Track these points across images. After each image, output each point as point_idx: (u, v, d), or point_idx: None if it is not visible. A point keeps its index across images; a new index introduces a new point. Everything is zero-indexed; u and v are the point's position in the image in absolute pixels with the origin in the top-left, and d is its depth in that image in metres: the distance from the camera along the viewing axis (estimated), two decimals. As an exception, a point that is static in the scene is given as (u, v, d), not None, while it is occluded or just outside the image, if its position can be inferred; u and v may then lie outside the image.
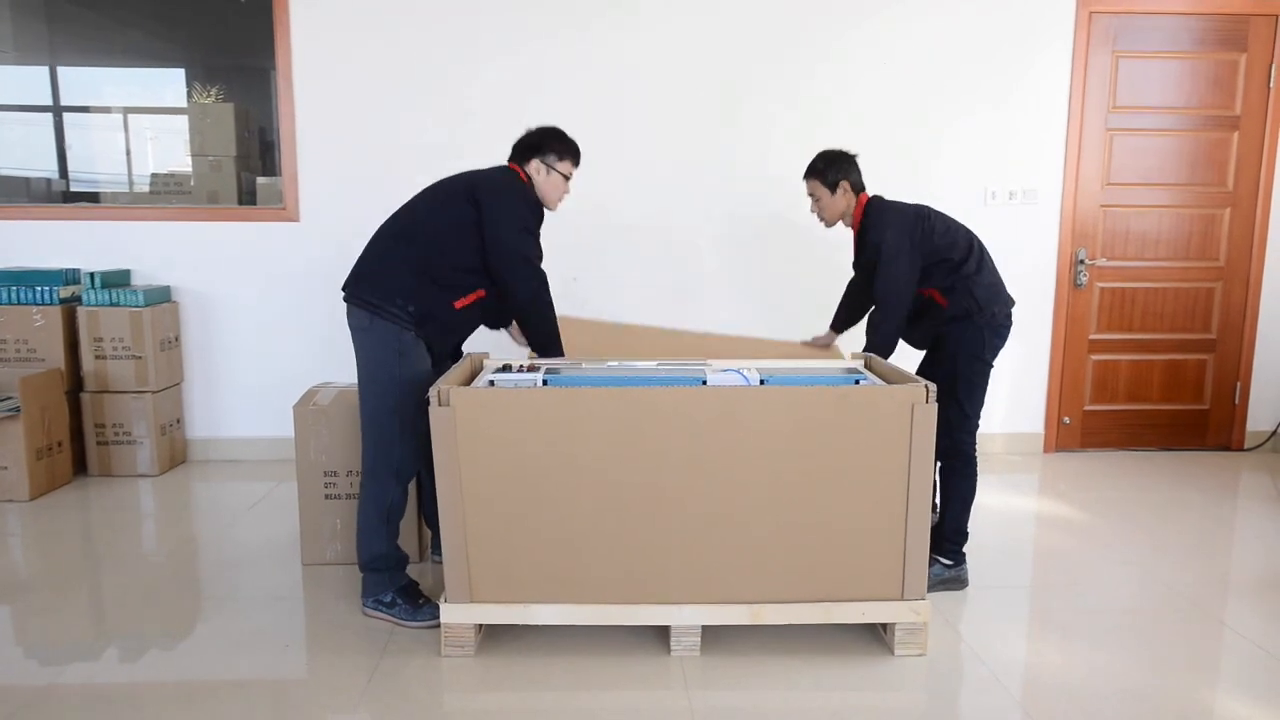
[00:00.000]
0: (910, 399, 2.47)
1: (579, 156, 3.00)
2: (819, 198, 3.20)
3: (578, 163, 3.00)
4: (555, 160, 2.92)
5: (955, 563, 3.05)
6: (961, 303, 2.99)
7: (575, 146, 2.98)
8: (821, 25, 4.40)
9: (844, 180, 3.15)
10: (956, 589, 3.04)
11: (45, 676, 2.46)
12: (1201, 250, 4.72)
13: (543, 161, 2.91)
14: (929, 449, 2.49)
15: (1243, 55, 4.58)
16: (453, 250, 2.75)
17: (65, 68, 4.55)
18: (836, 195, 3.16)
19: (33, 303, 4.13)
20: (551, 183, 2.93)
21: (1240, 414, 4.86)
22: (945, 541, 3.04)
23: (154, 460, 4.26)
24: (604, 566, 2.53)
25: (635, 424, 2.48)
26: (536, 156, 2.91)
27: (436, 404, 2.44)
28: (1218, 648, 2.70)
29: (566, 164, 2.95)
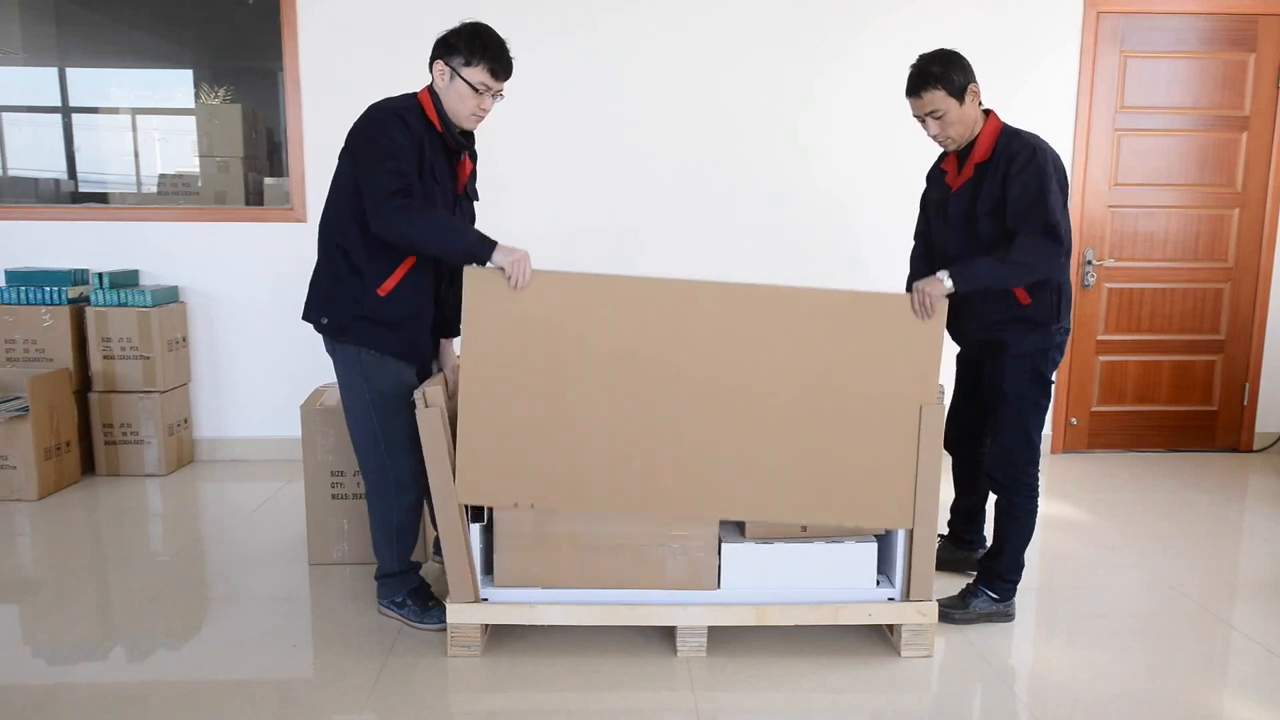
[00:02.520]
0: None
1: (504, 66, 2.46)
2: (944, 111, 2.55)
3: (500, 74, 2.46)
4: (461, 64, 2.42)
5: (1003, 597, 2.78)
6: (1044, 306, 2.59)
7: (499, 50, 2.44)
8: (829, 26, 4.39)
9: (972, 83, 2.56)
10: (999, 622, 2.79)
11: (53, 676, 2.47)
12: (1210, 251, 4.70)
13: (447, 64, 2.43)
14: (937, 449, 2.49)
15: (1252, 55, 4.56)
16: (347, 222, 2.44)
17: (74, 69, 4.57)
18: (967, 104, 2.55)
19: (41, 303, 4.15)
20: (456, 92, 2.44)
21: (1249, 415, 4.84)
22: (999, 579, 2.78)
23: (161, 460, 4.27)
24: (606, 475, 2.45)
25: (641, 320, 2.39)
26: (442, 58, 2.44)
27: (422, 406, 2.43)
28: (1225, 650, 2.69)
29: (478, 71, 2.41)
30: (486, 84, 2.46)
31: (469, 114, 2.49)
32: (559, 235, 4.44)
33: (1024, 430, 2.71)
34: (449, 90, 2.47)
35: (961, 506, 3.17)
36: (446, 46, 2.47)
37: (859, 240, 4.50)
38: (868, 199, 4.48)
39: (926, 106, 2.59)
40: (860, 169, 4.48)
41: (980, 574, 2.86)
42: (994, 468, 2.79)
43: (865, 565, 2.60)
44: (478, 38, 2.45)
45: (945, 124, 2.60)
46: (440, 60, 2.47)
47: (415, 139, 2.43)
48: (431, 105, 2.50)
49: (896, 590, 2.60)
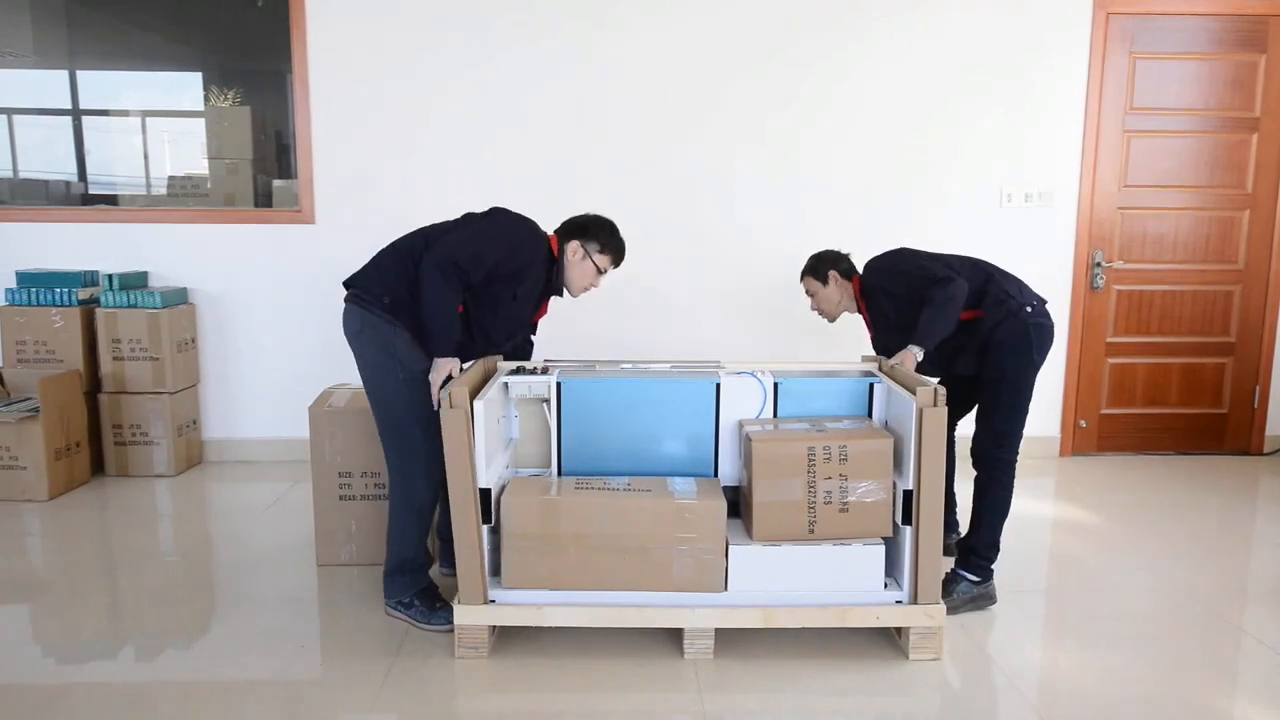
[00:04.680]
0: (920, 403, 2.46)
1: (621, 257, 2.93)
2: (814, 292, 3.31)
3: (618, 263, 2.93)
4: (596, 251, 2.87)
5: (983, 579, 2.91)
6: (995, 304, 2.91)
7: (622, 247, 2.92)
8: (837, 28, 4.39)
9: (831, 269, 3.24)
10: (984, 606, 2.92)
11: (62, 675, 2.48)
12: (1220, 253, 4.68)
13: (583, 245, 2.86)
14: (940, 451, 2.48)
15: (1262, 56, 4.54)
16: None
17: (84, 72, 4.59)
18: (829, 287, 3.25)
19: (52, 304, 4.17)
20: (583, 269, 2.87)
21: (1259, 418, 4.82)
22: (976, 556, 2.91)
23: (170, 461, 4.28)
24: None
25: None
26: (579, 239, 2.86)
27: (448, 407, 2.45)
28: (1235, 653, 2.67)
29: (606, 259, 2.89)
30: (606, 269, 2.92)
31: (582, 287, 2.92)
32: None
33: (1014, 411, 2.90)
34: (577, 265, 2.87)
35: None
36: (584, 232, 2.87)
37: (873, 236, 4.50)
38: (871, 199, 4.48)
39: (805, 289, 3.34)
40: (865, 171, 4.47)
41: (958, 558, 2.96)
42: (983, 448, 2.93)
43: (873, 567, 2.59)
44: (615, 235, 2.90)
45: (818, 302, 3.32)
46: (576, 241, 2.87)
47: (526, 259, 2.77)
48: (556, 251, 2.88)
49: (904, 593, 2.59)
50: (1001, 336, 2.88)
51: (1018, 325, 2.87)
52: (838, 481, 2.54)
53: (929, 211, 4.49)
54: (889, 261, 3.12)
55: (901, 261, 3.07)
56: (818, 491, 2.54)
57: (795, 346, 4.48)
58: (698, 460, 2.82)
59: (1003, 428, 2.90)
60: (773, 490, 2.55)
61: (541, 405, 2.85)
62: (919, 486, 2.50)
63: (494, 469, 2.58)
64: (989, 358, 2.92)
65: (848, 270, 3.27)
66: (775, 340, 4.53)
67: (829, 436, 2.57)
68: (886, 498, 2.56)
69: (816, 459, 2.53)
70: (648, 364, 2.99)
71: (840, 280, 3.25)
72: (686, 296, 4.54)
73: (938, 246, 3.20)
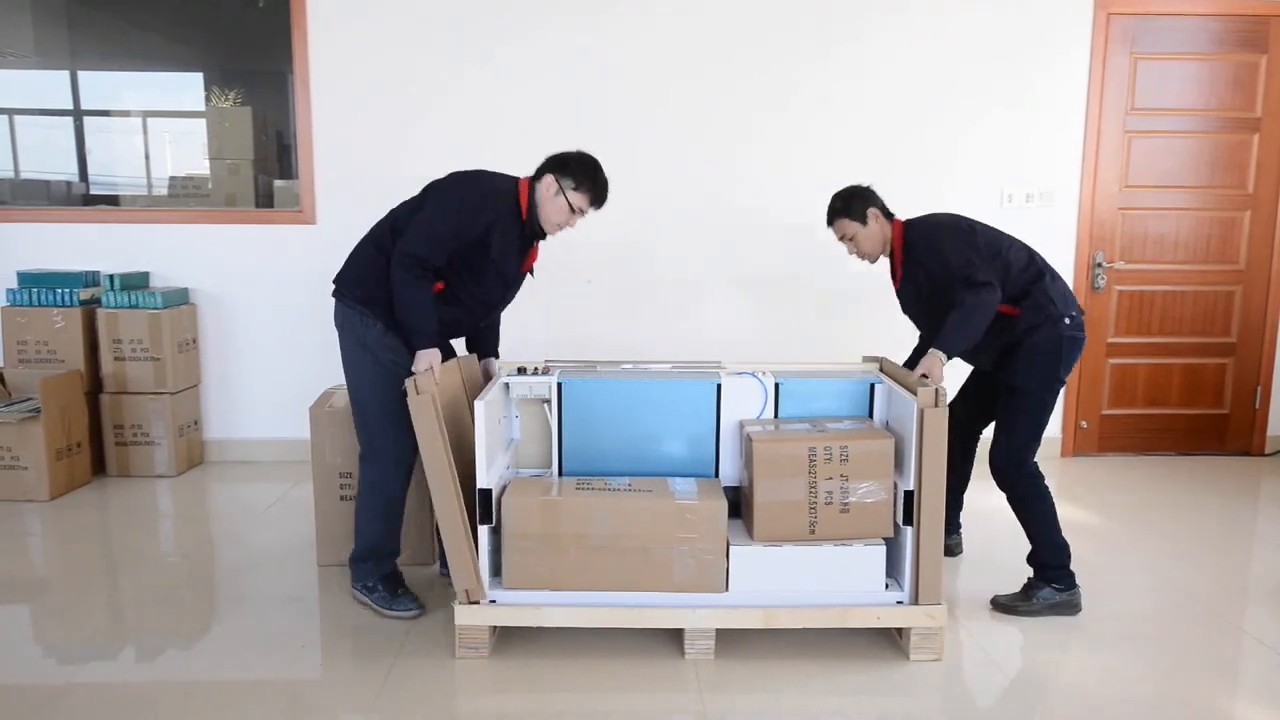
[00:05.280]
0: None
1: (601, 197, 2.78)
2: (853, 235, 3.00)
3: (597, 203, 2.79)
4: (571, 187, 2.73)
5: (1066, 586, 2.85)
6: (1035, 309, 2.80)
7: (602, 186, 2.77)
8: (838, 27, 4.39)
9: (871, 208, 2.97)
10: (1069, 613, 2.85)
11: (63, 675, 2.48)
12: (1221, 253, 4.68)
13: (557, 180, 2.73)
14: (941, 452, 2.48)
15: (1263, 57, 4.53)
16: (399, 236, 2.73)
17: (85, 72, 4.59)
18: (870, 226, 2.97)
19: (53, 304, 4.17)
20: (555, 206, 2.74)
21: (1260, 418, 4.81)
22: (1049, 569, 2.86)
23: (171, 461, 4.29)
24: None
25: None
26: (554, 173, 2.74)
27: (414, 393, 2.45)
28: (1236, 654, 2.67)
29: (581, 196, 2.74)
30: (583, 209, 2.78)
31: (557, 225, 2.78)
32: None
33: (1031, 426, 2.84)
34: (551, 201, 2.74)
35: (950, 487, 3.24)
36: (563, 167, 2.75)
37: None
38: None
39: (837, 234, 3.05)
40: (864, 171, 4.46)
41: (1035, 571, 2.91)
42: (996, 458, 2.89)
43: (874, 568, 2.59)
44: (594, 172, 2.76)
45: (857, 244, 3.02)
46: (552, 175, 2.74)
47: (485, 220, 2.69)
48: (526, 197, 2.76)
49: (905, 593, 2.59)
50: (1032, 343, 2.79)
51: (1052, 335, 2.78)
52: (839, 482, 2.54)
53: (929, 210, 4.47)
54: (937, 235, 2.91)
55: (949, 240, 2.87)
56: (819, 492, 2.54)
57: (800, 340, 4.48)
58: (698, 461, 2.82)
59: (1022, 444, 2.84)
60: (774, 490, 2.55)
61: (542, 406, 2.85)
62: (920, 487, 2.50)
63: (495, 469, 2.58)
64: (1015, 363, 2.83)
65: (887, 210, 3.01)
66: (777, 334, 4.53)
67: (830, 437, 2.57)
68: (887, 498, 2.56)
69: (817, 459, 2.53)
70: (648, 364, 2.99)
71: (882, 220, 2.97)
72: (688, 294, 4.53)
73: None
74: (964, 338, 2.76)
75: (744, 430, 2.72)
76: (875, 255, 3.04)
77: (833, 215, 3.04)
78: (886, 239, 2.99)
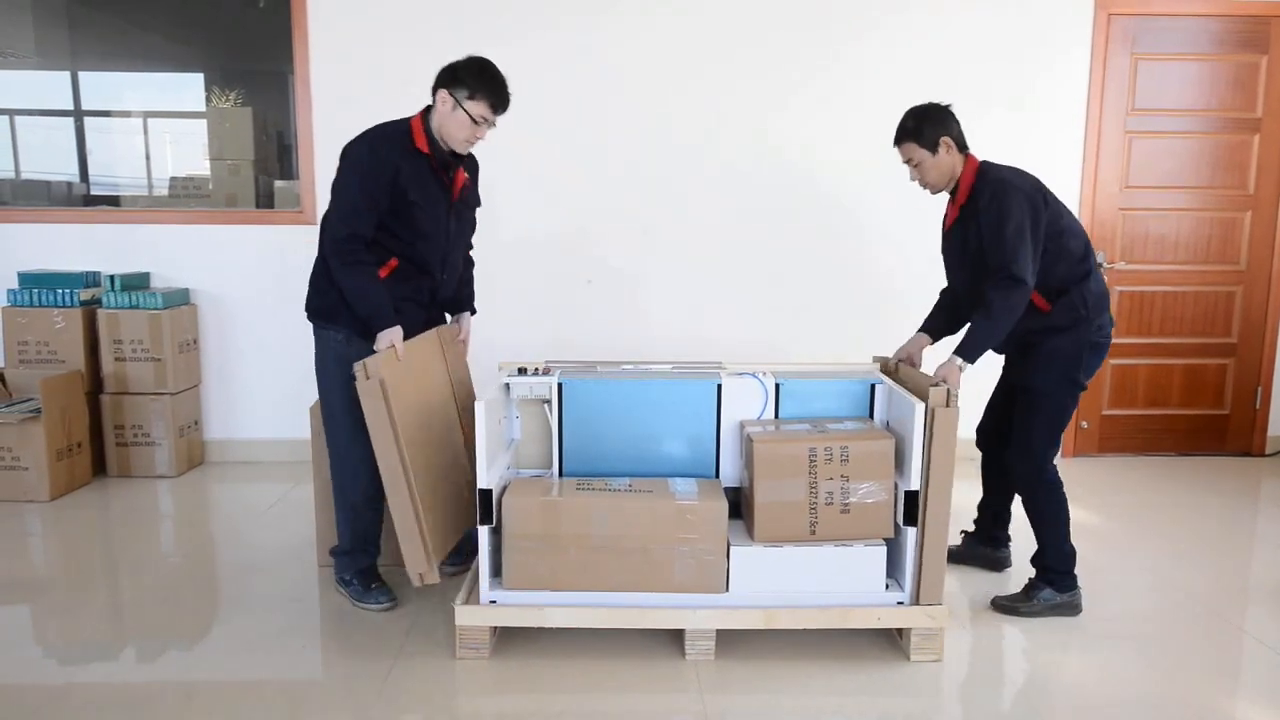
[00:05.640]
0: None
1: (502, 98, 2.63)
2: (918, 162, 2.78)
3: (499, 106, 2.64)
4: (466, 97, 2.59)
5: (1066, 589, 2.83)
6: (1067, 311, 2.70)
7: (497, 86, 2.62)
8: (837, 28, 4.39)
9: (944, 136, 2.75)
10: (1069, 614, 2.84)
11: (63, 676, 2.48)
12: (1222, 254, 4.68)
13: (451, 94, 2.60)
14: (949, 453, 2.48)
15: (1264, 57, 4.53)
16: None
17: (86, 73, 4.59)
18: (940, 155, 2.75)
19: (53, 305, 4.17)
20: (455, 121, 2.62)
21: (1261, 419, 4.81)
22: (1053, 572, 2.83)
23: (172, 461, 4.29)
24: None
25: None
26: (446, 88, 2.62)
27: (363, 377, 2.43)
28: (1237, 655, 2.67)
29: (478, 104, 2.60)
30: (485, 116, 2.65)
31: (463, 140, 2.68)
32: (569, 244, 4.45)
33: (1048, 429, 2.79)
34: (450, 117, 2.63)
35: (989, 504, 3.20)
36: (453, 78, 2.63)
37: (866, 239, 4.50)
38: (869, 200, 4.47)
39: (903, 157, 2.86)
40: (864, 170, 4.47)
41: (1038, 572, 2.89)
42: (1015, 460, 2.86)
43: (874, 568, 2.59)
44: (484, 73, 2.62)
45: (921, 173, 2.82)
46: (445, 89, 2.63)
47: (388, 169, 2.61)
48: (421, 130, 2.68)
49: (906, 594, 2.59)
50: (1052, 346, 2.73)
51: (1074, 340, 2.71)
52: (839, 482, 2.54)
53: (929, 212, 4.46)
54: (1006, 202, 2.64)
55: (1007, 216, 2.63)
56: (819, 492, 2.54)
57: (805, 341, 4.49)
58: (699, 461, 2.82)
59: (1039, 446, 2.80)
60: (774, 491, 2.55)
61: (543, 406, 2.85)
62: (927, 486, 2.50)
63: (495, 470, 2.58)
64: (1034, 364, 2.77)
65: (962, 140, 2.77)
66: (781, 335, 4.53)
67: (830, 437, 2.57)
68: (888, 499, 2.56)
69: (818, 460, 2.53)
70: (649, 365, 2.99)
71: (954, 151, 2.75)
72: (690, 296, 4.53)
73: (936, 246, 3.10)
74: (987, 344, 2.69)
75: (744, 431, 2.72)
76: (938, 188, 2.84)
77: (902, 135, 2.81)
78: (955, 174, 2.79)
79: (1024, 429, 2.83)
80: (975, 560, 3.21)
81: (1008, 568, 3.20)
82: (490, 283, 4.45)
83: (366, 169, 2.62)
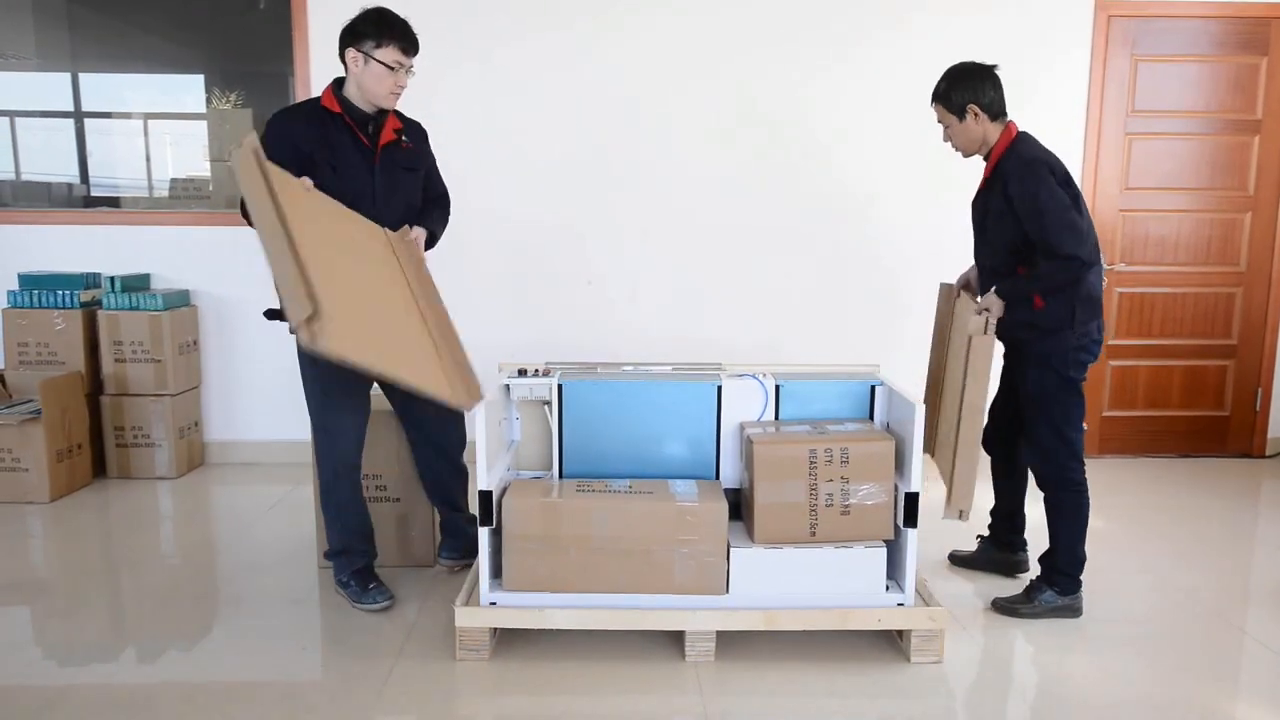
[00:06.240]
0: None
1: (408, 39, 2.62)
2: (947, 124, 2.79)
3: (409, 50, 2.63)
4: (373, 47, 2.57)
5: (1067, 591, 2.83)
6: (1055, 314, 2.68)
7: (405, 29, 2.60)
8: (838, 30, 4.39)
9: (972, 104, 2.71)
10: (1068, 617, 2.84)
11: (64, 677, 2.48)
12: (1222, 255, 4.68)
13: (359, 50, 2.58)
14: (984, 378, 2.56)
15: (1264, 59, 4.53)
16: None
17: (86, 74, 4.59)
18: (966, 122, 2.73)
19: (54, 306, 4.18)
20: (371, 74, 2.59)
21: (1261, 420, 4.81)
22: (1058, 573, 2.82)
23: (172, 463, 4.29)
24: None
25: None
26: (351, 46, 2.60)
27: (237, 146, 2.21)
28: (1238, 657, 2.67)
29: (389, 50, 2.57)
30: (400, 61, 2.63)
31: (387, 93, 2.65)
32: (569, 245, 4.46)
33: (1055, 430, 2.77)
34: (366, 74, 2.61)
35: (1001, 509, 3.17)
36: (354, 35, 2.62)
37: (868, 240, 4.50)
38: (871, 201, 4.48)
39: (937, 117, 2.86)
40: (866, 171, 4.47)
41: (1043, 571, 2.89)
42: (1034, 465, 2.87)
43: (875, 570, 2.59)
44: (383, 20, 2.61)
45: (950, 135, 2.85)
46: (351, 49, 2.61)
47: (287, 137, 2.60)
48: (331, 95, 2.68)
49: (906, 595, 2.59)
50: (1041, 349, 2.74)
51: (1060, 343, 2.71)
52: (839, 484, 2.54)
53: (929, 213, 4.48)
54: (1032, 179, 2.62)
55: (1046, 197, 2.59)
56: (819, 494, 2.54)
57: (797, 340, 4.49)
58: (699, 462, 2.82)
59: (1050, 447, 2.77)
60: (774, 492, 2.55)
61: (543, 408, 2.86)
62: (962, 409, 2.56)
63: (495, 471, 2.58)
64: (1027, 371, 2.79)
65: (997, 107, 2.73)
66: (784, 335, 4.53)
67: (830, 439, 2.57)
68: (888, 500, 2.56)
69: (818, 461, 2.53)
70: (649, 366, 2.99)
71: (984, 120, 2.72)
72: (692, 297, 4.54)
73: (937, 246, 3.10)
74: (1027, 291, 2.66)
75: (744, 432, 2.72)
76: (968, 153, 2.84)
77: (934, 95, 2.82)
78: (988, 141, 2.77)
79: (1032, 432, 2.84)
80: (991, 566, 3.17)
81: (1024, 572, 3.12)
82: (490, 283, 4.48)
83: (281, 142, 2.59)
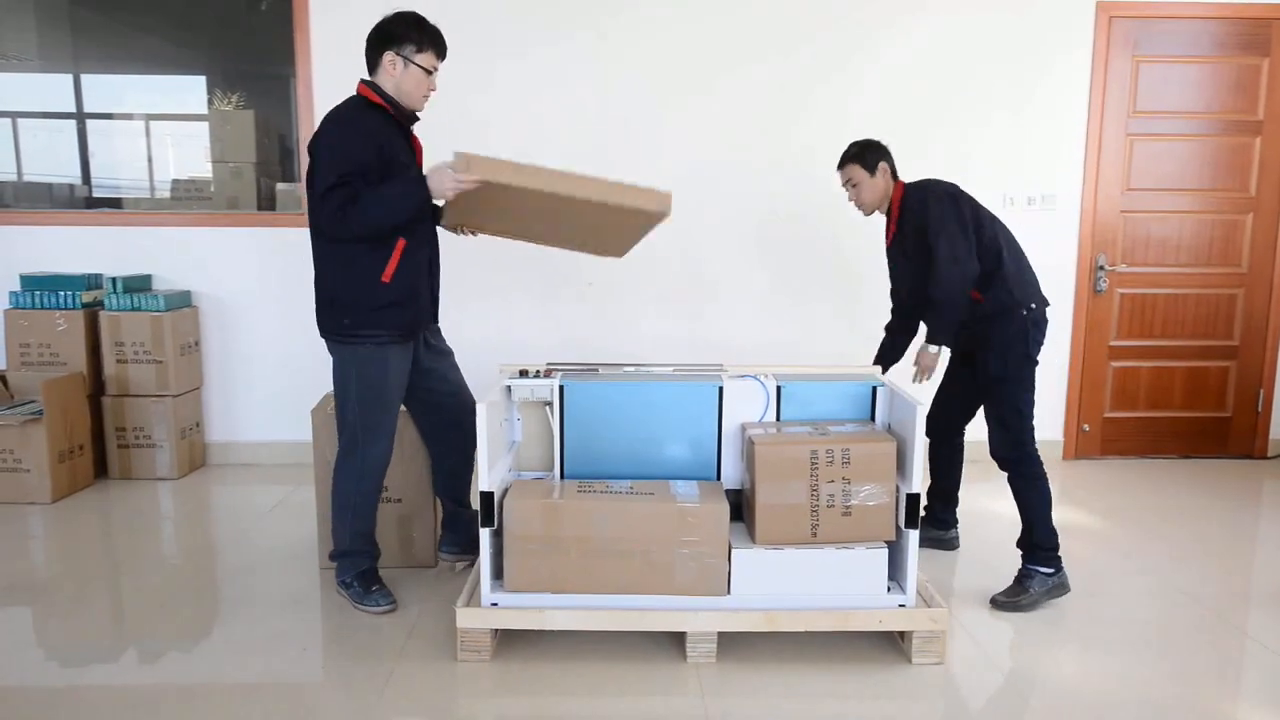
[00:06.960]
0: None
1: (443, 48, 2.72)
2: (858, 182, 3.13)
3: (442, 55, 2.72)
4: (413, 51, 2.64)
5: (1055, 568, 2.96)
6: (1000, 297, 2.95)
7: (437, 35, 2.69)
8: (839, 32, 4.39)
9: (882, 162, 3.12)
10: (1060, 595, 2.98)
11: (65, 678, 2.48)
12: (1223, 256, 4.67)
13: (398, 54, 2.63)
14: None
15: (1265, 59, 4.53)
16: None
17: (88, 75, 4.59)
18: (876, 177, 3.11)
19: (55, 307, 4.18)
20: (411, 78, 2.66)
21: (1263, 422, 4.81)
22: (1041, 550, 2.96)
23: (173, 464, 4.29)
24: None
25: None
26: (391, 49, 2.64)
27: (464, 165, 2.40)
28: (1239, 658, 2.67)
29: (427, 55, 2.66)
30: (435, 66, 2.71)
31: (423, 95, 2.72)
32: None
33: (1015, 408, 2.95)
34: (404, 77, 2.66)
35: (939, 489, 3.44)
36: (393, 38, 2.65)
37: (869, 241, 4.50)
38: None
39: (844, 179, 3.17)
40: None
41: (1024, 556, 3.00)
42: (997, 448, 3.00)
43: (876, 571, 2.59)
44: (422, 25, 2.67)
45: (858, 193, 3.13)
46: (390, 51, 2.65)
47: (373, 136, 2.61)
48: (375, 94, 2.69)
49: (908, 596, 2.59)
50: (1000, 335, 2.95)
51: (1013, 325, 2.94)
52: (840, 485, 2.54)
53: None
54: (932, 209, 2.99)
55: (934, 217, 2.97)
56: (820, 495, 2.54)
57: (798, 341, 4.49)
58: (700, 463, 2.82)
59: (1016, 428, 2.95)
60: (775, 493, 2.55)
61: (544, 408, 2.86)
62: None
63: (496, 472, 2.58)
64: (987, 356, 2.98)
65: (895, 170, 3.16)
66: (789, 337, 4.53)
67: (831, 440, 2.57)
68: (889, 501, 2.56)
69: (819, 462, 2.53)
70: (650, 367, 2.99)
71: (889, 176, 3.14)
72: (693, 298, 4.54)
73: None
74: (945, 328, 2.98)
75: (746, 433, 2.72)
76: (872, 208, 3.18)
77: (846, 159, 3.16)
78: (888, 196, 3.14)
79: (997, 418, 2.99)
80: (925, 543, 3.35)
81: (956, 549, 3.45)
82: (492, 285, 4.48)
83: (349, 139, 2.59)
